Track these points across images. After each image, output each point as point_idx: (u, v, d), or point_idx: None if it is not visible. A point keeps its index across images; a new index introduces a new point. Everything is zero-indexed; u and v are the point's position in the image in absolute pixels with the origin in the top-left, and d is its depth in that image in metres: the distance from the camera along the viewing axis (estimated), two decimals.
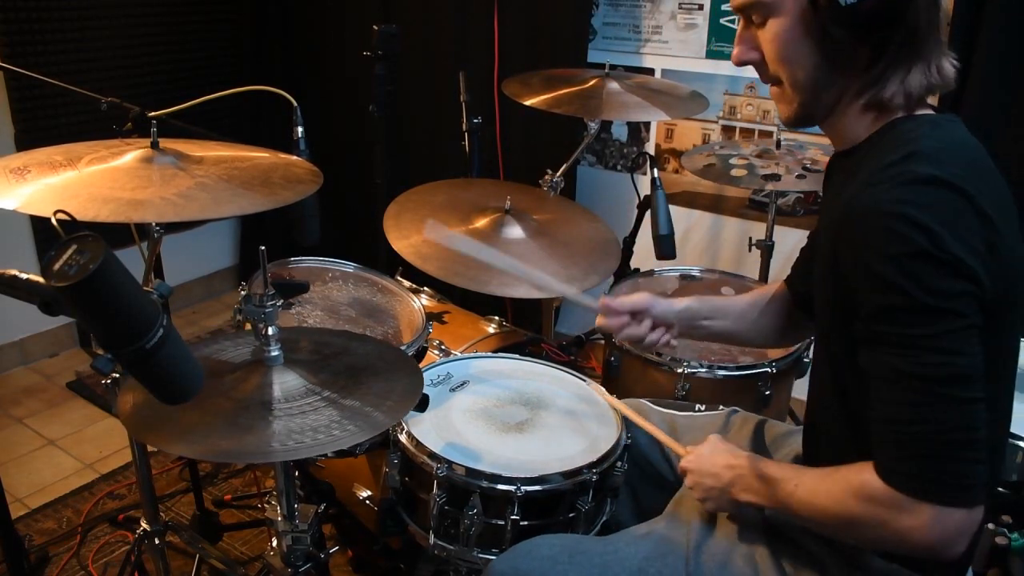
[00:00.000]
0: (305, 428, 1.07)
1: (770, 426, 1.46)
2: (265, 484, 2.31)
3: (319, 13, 3.32)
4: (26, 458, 2.50)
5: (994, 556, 1.04)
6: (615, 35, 2.89)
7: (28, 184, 1.19)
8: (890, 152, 0.97)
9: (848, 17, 0.96)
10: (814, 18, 0.99)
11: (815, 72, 1.04)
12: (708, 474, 1.20)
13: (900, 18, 0.96)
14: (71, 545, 2.12)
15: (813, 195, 2.65)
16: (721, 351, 1.91)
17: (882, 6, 0.96)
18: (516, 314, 2.93)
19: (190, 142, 1.45)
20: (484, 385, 1.59)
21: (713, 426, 1.46)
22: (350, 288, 1.98)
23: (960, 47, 2.18)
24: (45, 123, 2.78)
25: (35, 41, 2.73)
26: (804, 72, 1.04)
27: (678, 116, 2.64)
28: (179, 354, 0.87)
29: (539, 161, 2.30)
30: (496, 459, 1.37)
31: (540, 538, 1.25)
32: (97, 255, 0.77)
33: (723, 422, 1.48)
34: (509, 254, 1.68)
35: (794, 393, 2.04)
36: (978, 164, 0.99)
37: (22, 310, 1.03)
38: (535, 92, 2.07)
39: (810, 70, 1.04)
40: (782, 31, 1.03)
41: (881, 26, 0.97)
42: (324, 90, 3.36)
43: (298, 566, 1.29)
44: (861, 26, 0.97)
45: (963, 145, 1.01)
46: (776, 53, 1.05)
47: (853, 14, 0.96)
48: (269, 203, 1.26)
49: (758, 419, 1.48)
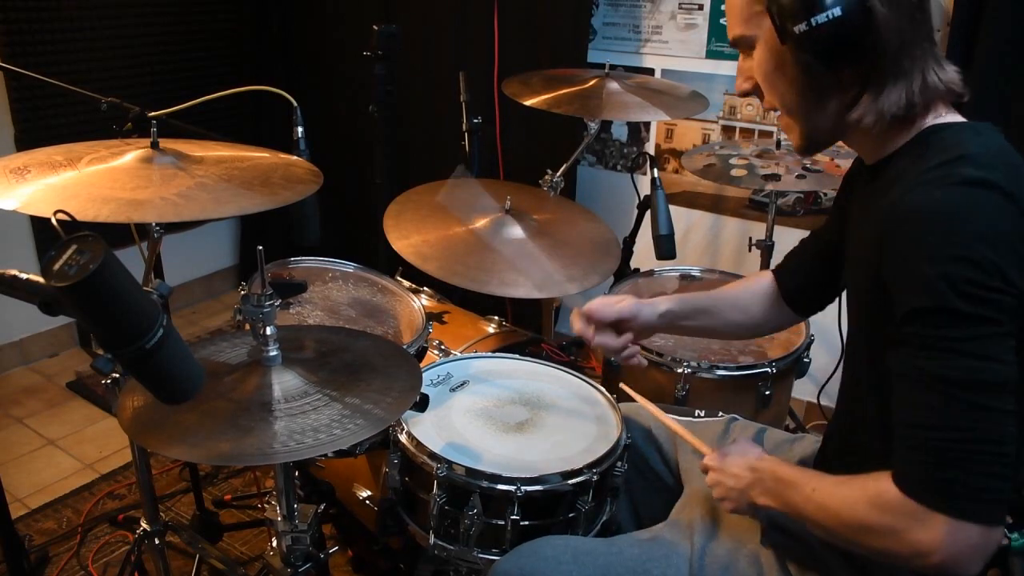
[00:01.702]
0: (306, 428, 1.07)
1: (770, 434, 1.45)
2: (265, 484, 2.31)
3: (319, 13, 3.33)
4: (26, 458, 2.50)
5: (994, 556, 1.04)
6: (615, 35, 2.89)
7: (28, 184, 1.19)
8: (934, 156, 0.96)
9: (810, 44, 0.96)
10: (784, 47, 1.00)
11: (800, 98, 1.04)
12: (730, 475, 1.17)
13: (862, 39, 0.95)
14: (71, 545, 2.12)
15: (813, 195, 2.65)
16: (721, 351, 1.90)
17: (838, 30, 0.94)
18: (516, 314, 2.93)
19: (190, 142, 1.45)
20: (484, 385, 1.59)
21: (712, 433, 1.46)
22: (350, 288, 1.98)
23: (960, 47, 2.19)
24: (45, 123, 2.78)
25: (35, 41, 2.73)
26: (791, 99, 1.05)
27: (678, 116, 2.63)
28: (179, 354, 0.87)
29: (539, 161, 2.30)
30: (496, 459, 1.37)
31: (543, 539, 1.25)
32: (97, 255, 0.77)
33: (723, 429, 1.47)
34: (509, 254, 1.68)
35: (794, 393, 2.04)
36: (1020, 170, 0.97)
37: (22, 310, 1.03)
38: (535, 92, 2.07)
39: (795, 96, 1.05)
40: (763, 61, 1.05)
41: (847, 49, 0.96)
42: (324, 90, 3.36)
43: (298, 566, 1.29)
44: (826, 51, 0.97)
45: (1006, 152, 0.99)
46: (763, 82, 1.07)
47: (814, 40, 0.95)
48: (269, 203, 1.26)
49: (758, 427, 1.48)
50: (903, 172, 0.99)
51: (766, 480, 1.12)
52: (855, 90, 1.00)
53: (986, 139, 0.99)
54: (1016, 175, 0.94)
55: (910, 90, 0.99)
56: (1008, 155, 0.98)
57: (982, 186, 0.90)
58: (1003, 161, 0.95)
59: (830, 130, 1.07)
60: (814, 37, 0.95)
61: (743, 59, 1.10)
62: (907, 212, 0.92)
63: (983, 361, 0.87)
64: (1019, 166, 0.98)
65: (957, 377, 0.88)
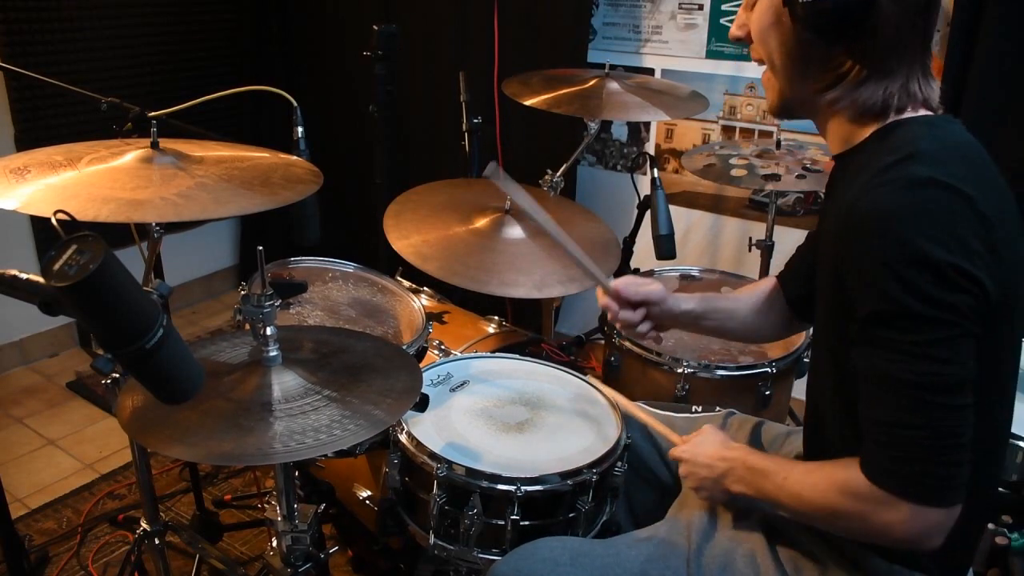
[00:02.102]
0: (307, 428, 1.07)
1: (767, 428, 1.46)
2: (265, 484, 2.31)
3: (319, 13, 3.33)
4: (26, 458, 2.50)
5: (994, 556, 1.05)
6: (615, 35, 2.89)
7: (28, 184, 1.19)
8: (888, 154, 0.97)
9: (810, 17, 0.98)
10: (783, 12, 1.02)
11: (787, 60, 1.07)
12: (702, 464, 1.22)
13: (861, 24, 0.97)
14: (71, 545, 2.12)
15: (813, 195, 2.65)
16: (721, 351, 1.91)
17: (840, 9, 0.96)
18: (516, 314, 2.93)
19: (190, 142, 1.45)
20: (484, 385, 1.59)
21: None
22: (350, 288, 1.98)
23: (960, 47, 2.18)
24: (45, 123, 2.78)
25: (35, 41, 2.73)
26: (778, 58, 1.07)
27: (678, 116, 2.63)
28: (179, 354, 0.87)
29: (539, 161, 2.30)
30: (496, 459, 1.37)
31: (542, 540, 1.25)
32: (97, 255, 0.77)
33: (720, 424, 1.47)
34: (509, 254, 1.68)
35: (794, 393, 2.04)
36: (976, 164, 0.99)
37: (22, 310, 1.03)
38: (535, 92, 2.07)
39: (783, 57, 1.07)
40: (762, 14, 1.07)
41: (844, 30, 0.98)
42: (324, 90, 3.36)
43: (298, 566, 1.29)
44: (823, 28, 0.98)
45: (961, 145, 1.00)
46: (756, 35, 1.10)
47: (814, 14, 0.97)
48: (269, 203, 1.26)
49: (755, 421, 1.48)
50: (861, 168, 1.01)
51: (738, 469, 1.17)
52: (840, 71, 1.02)
53: (940, 132, 1.00)
54: (970, 168, 0.95)
55: (889, 91, 1.00)
56: (964, 148, 0.99)
57: (932, 186, 0.91)
58: (958, 155, 0.96)
59: (805, 101, 1.09)
60: (815, 9, 0.97)
61: (744, 7, 1.12)
62: (861, 216, 0.94)
63: (943, 364, 0.91)
64: (974, 159, 0.99)
65: (918, 381, 0.92)
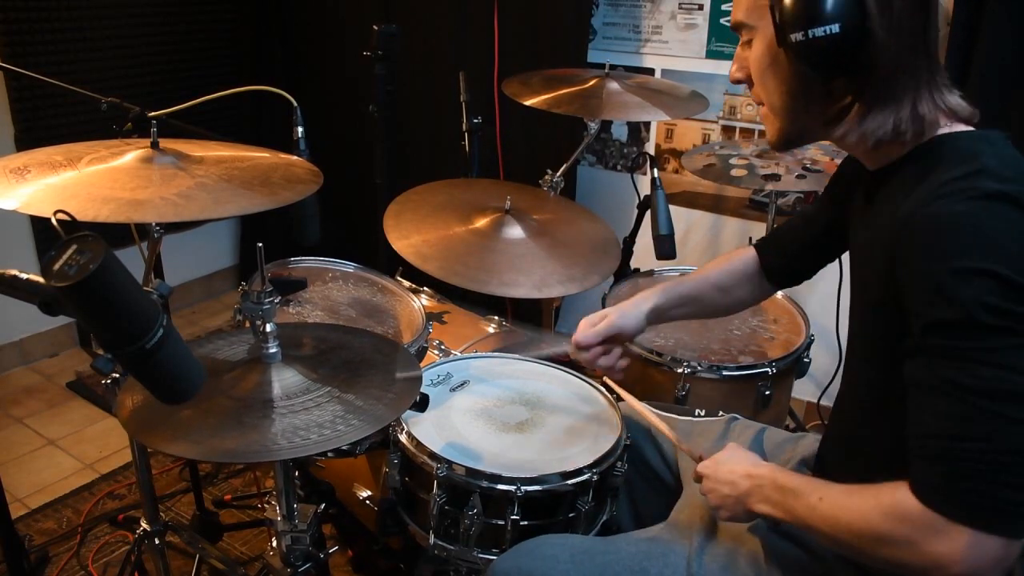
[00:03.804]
0: (310, 424, 1.07)
1: (770, 433, 1.45)
2: (265, 484, 2.31)
3: (319, 13, 3.32)
4: (26, 458, 2.50)
5: None
6: (615, 35, 2.89)
7: (28, 184, 1.19)
8: (951, 167, 0.94)
9: (805, 53, 0.96)
10: (779, 52, 1.00)
11: (787, 99, 1.05)
12: (725, 482, 1.15)
13: (855, 58, 0.96)
14: (71, 545, 2.12)
15: (813, 195, 2.64)
16: (721, 351, 1.90)
17: (834, 46, 0.95)
18: (516, 314, 2.93)
19: (190, 142, 1.45)
20: (484, 385, 1.59)
21: (712, 432, 1.46)
22: (350, 288, 1.98)
23: (960, 47, 2.18)
24: (45, 123, 2.78)
25: (35, 41, 2.73)
26: (778, 98, 1.06)
27: (678, 116, 2.63)
28: (179, 354, 0.87)
29: (539, 161, 2.30)
30: (496, 459, 1.36)
31: (542, 538, 1.25)
32: (97, 255, 0.77)
33: (723, 429, 1.47)
34: (509, 254, 1.69)
35: (794, 394, 2.04)
36: None
37: (22, 310, 1.03)
38: (535, 92, 2.07)
39: (784, 96, 1.05)
40: (759, 55, 1.06)
41: (842, 63, 0.97)
42: (324, 90, 3.36)
43: (298, 566, 1.29)
44: (820, 63, 0.97)
45: (1019, 161, 0.98)
46: (756, 75, 1.08)
47: (809, 51, 0.96)
48: (269, 203, 1.26)
49: (758, 427, 1.47)
50: (915, 181, 0.98)
51: (766, 488, 1.09)
52: (843, 103, 1.01)
53: (1000, 150, 0.98)
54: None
55: (897, 117, 0.99)
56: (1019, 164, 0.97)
57: (1004, 200, 0.89)
58: (1020, 172, 0.95)
59: (809, 133, 1.09)
60: (810, 48, 0.96)
61: (741, 47, 1.11)
62: (927, 224, 0.91)
63: (1007, 371, 0.86)
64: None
65: (980, 386, 0.86)
